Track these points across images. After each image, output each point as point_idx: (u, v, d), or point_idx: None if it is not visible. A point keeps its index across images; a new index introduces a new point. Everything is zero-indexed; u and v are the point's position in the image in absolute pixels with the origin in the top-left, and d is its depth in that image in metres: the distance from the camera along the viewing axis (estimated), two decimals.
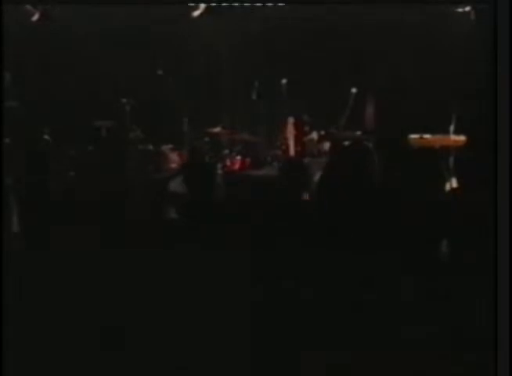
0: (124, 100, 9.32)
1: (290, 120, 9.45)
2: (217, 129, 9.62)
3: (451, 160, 8.08)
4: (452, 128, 8.31)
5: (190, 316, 4.83)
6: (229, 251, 6.28)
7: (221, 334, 4.60)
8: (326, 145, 9.24)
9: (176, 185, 8.03)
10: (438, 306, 5.17)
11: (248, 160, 9.49)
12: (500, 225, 4.19)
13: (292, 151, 9.38)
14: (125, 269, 5.63)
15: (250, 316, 4.86)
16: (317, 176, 8.06)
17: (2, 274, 4.25)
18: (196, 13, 9.63)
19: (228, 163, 9.41)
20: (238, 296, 5.22)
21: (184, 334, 4.57)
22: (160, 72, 9.51)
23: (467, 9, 8.59)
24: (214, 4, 9.36)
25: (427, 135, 8.38)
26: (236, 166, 9.42)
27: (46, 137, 8.84)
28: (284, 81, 9.58)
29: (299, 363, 4.29)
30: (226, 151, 9.51)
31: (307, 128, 9.48)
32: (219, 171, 8.77)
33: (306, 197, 7.95)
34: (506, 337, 4.20)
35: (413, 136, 8.38)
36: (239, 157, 9.50)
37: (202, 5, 9.40)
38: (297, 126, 9.45)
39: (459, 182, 7.89)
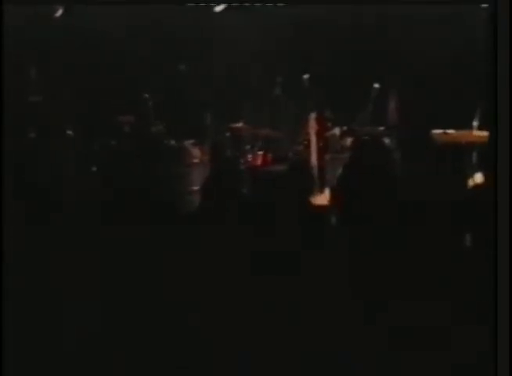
0: (147, 95, 9.40)
1: (312, 115, 9.41)
2: (239, 124, 9.64)
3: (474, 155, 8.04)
4: (475, 123, 8.28)
5: None
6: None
7: None
8: (348, 140, 9.21)
9: None
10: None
11: (270, 155, 9.48)
12: (501, 225, 4.19)
13: (314, 147, 9.35)
14: None
15: None
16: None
17: (3, 274, 4.32)
18: (219, 9, 9.70)
19: (250, 158, 9.43)
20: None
21: None
22: (182, 68, 9.57)
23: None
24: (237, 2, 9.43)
25: (450, 131, 8.35)
26: (258, 161, 9.44)
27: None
28: (306, 76, 9.56)
29: None
30: (248, 146, 9.52)
31: (329, 124, 9.45)
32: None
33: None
34: (506, 334, 4.20)
35: (436, 132, 8.36)
36: (260, 153, 9.50)
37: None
38: (320, 121, 9.42)
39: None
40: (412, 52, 9.20)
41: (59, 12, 9.56)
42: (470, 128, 8.35)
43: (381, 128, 9.19)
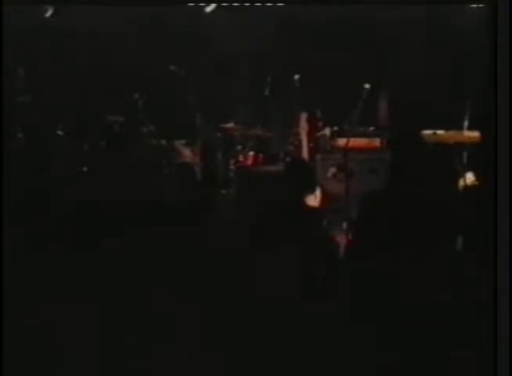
0: (137, 95, 9.37)
1: (303, 115, 9.39)
2: (230, 125, 9.62)
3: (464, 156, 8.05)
4: (465, 123, 8.28)
5: None
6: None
7: None
8: (339, 141, 9.18)
9: None
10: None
11: (261, 155, 9.46)
12: (500, 226, 4.19)
13: (304, 147, 9.33)
14: None
15: None
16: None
17: (3, 274, 4.29)
18: (210, 9, 9.67)
19: (241, 158, 9.41)
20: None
21: None
22: (173, 67, 9.53)
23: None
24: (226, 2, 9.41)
25: (440, 131, 8.35)
26: (249, 162, 9.42)
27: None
28: (297, 76, 9.53)
29: None
30: (239, 147, 9.49)
31: (320, 124, 9.42)
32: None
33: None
34: (506, 337, 4.20)
35: (426, 132, 8.36)
36: (251, 153, 9.48)
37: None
38: (310, 122, 9.39)
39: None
40: (403, 52, 9.23)
41: (49, 13, 9.52)
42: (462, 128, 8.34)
43: (372, 129, 9.18)
